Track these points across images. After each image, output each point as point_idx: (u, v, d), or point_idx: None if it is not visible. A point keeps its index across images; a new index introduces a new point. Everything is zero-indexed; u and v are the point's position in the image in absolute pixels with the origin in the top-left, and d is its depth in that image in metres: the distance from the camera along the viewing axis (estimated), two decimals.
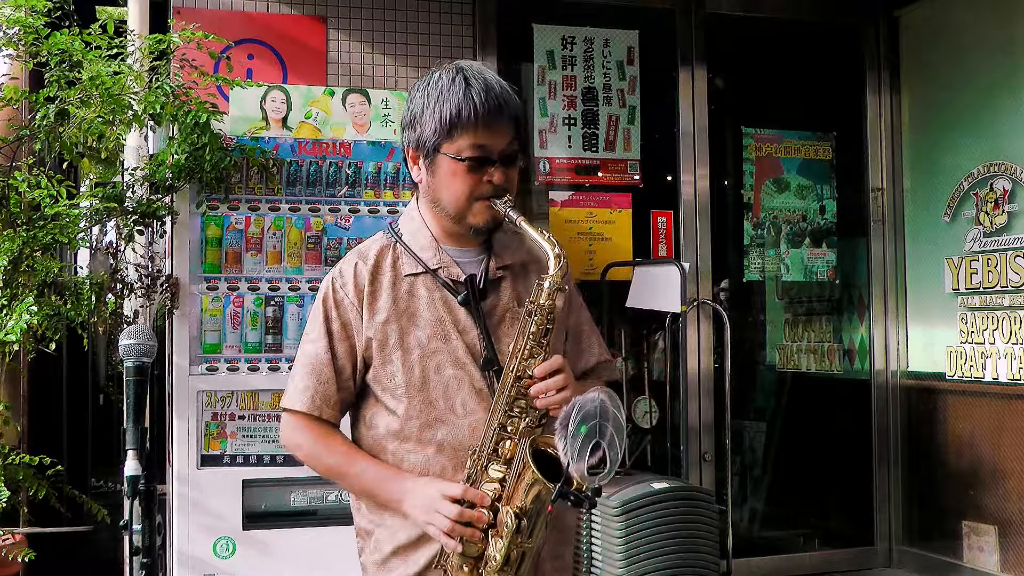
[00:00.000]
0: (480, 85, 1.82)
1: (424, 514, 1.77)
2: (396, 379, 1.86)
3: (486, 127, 1.81)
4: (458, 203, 1.85)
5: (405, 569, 1.88)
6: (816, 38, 5.20)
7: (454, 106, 1.80)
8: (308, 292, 3.64)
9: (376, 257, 1.91)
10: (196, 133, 3.29)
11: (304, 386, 1.90)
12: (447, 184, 1.85)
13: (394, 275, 1.89)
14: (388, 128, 3.69)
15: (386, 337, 1.86)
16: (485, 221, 1.86)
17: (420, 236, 1.92)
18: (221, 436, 3.49)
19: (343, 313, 1.88)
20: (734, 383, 4.33)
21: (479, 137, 1.81)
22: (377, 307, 1.87)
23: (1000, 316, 4.26)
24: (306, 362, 1.91)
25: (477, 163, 1.82)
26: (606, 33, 4.64)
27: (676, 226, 4.66)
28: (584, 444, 1.62)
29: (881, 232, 4.96)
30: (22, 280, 3.19)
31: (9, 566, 3.40)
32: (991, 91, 4.41)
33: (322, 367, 1.89)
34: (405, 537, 1.87)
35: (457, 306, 1.87)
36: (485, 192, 1.83)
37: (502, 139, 1.83)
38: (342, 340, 1.88)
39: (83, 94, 3.17)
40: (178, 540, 3.39)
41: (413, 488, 1.81)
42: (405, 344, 1.85)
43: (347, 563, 3.45)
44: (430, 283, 1.88)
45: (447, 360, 1.85)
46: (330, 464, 1.93)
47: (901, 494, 4.86)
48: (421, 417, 1.85)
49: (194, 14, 4.01)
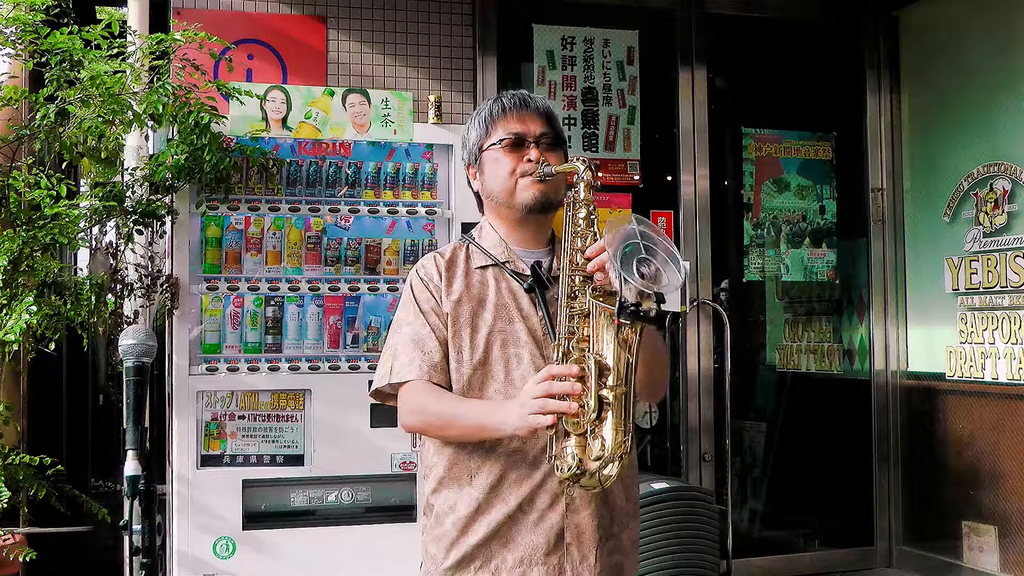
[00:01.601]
0: (509, 93, 2.11)
1: (520, 411, 1.78)
2: (463, 353, 1.98)
3: (516, 117, 2.05)
4: (505, 184, 2.04)
5: (466, 540, 1.94)
6: (816, 38, 5.20)
7: (488, 110, 2.09)
8: (308, 292, 3.64)
9: (451, 253, 2.09)
10: (196, 134, 3.30)
11: (409, 359, 1.99)
12: (493, 173, 2.06)
13: (467, 268, 2.07)
14: (388, 128, 3.69)
15: (458, 315, 2.01)
16: (534, 197, 2.02)
17: (490, 238, 2.10)
18: (221, 436, 3.49)
19: (432, 294, 2.04)
20: (734, 383, 4.33)
21: (511, 125, 2.05)
22: (452, 289, 2.03)
23: (1000, 316, 4.26)
24: (407, 340, 2.00)
25: (513, 144, 2.03)
26: (606, 33, 4.64)
27: (676, 226, 4.66)
28: (630, 260, 1.65)
29: (881, 232, 4.96)
30: (22, 280, 3.19)
31: (9, 566, 3.40)
32: (991, 91, 4.41)
33: (424, 340, 2.00)
34: (463, 507, 1.94)
35: (522, 294, 2.02)
36: (527, 169, 2.02)
37: (535, 126, 2.05)
38: (437, 316, 2.02)
39: (83, 94, 3.17)
40: (178, 540, 3.39)
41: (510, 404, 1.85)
42: (474, 323, 2.00)
43: (347, 563, 3.47)
44: (498, 274, 2.05)
45: (510, 339, 1.99)
46: (440, 411, 1.96)
47: (901, 494, 4.86)
48: (482, 388, 1.97)
49: (194, 14, 4.01)
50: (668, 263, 1.67)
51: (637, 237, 1.68)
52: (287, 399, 3.56)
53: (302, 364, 3.60)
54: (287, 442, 3.55)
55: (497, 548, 1.92)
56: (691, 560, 3.65)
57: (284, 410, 3.55)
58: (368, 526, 3.52)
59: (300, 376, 3.58)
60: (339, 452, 3.51)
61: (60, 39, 3.15)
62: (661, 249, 1.69)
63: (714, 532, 3.79)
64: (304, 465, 3.53)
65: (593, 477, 1.72)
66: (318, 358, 3.62)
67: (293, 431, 3.55)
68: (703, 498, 3.82)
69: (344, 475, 3.55)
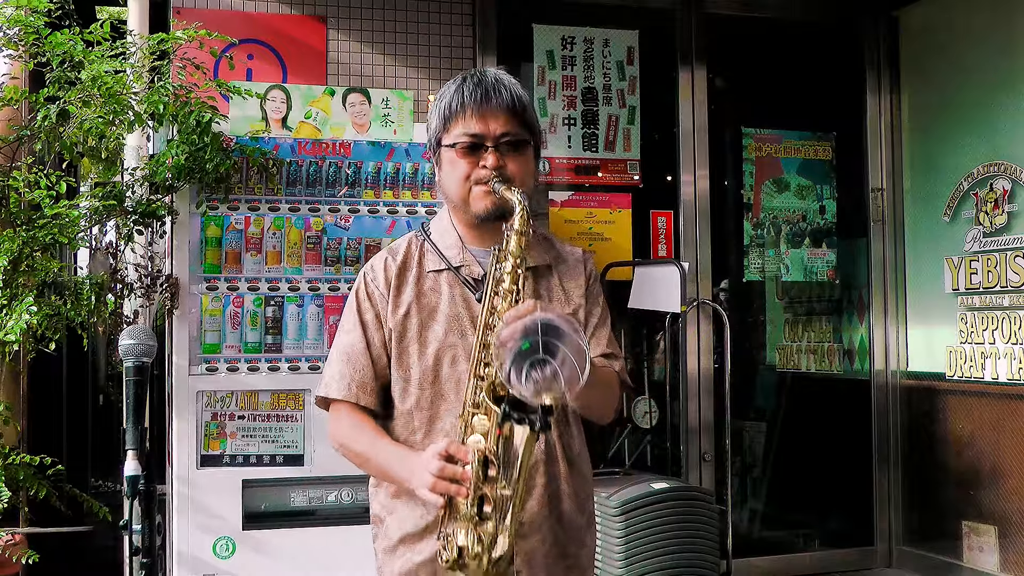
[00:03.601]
0: (474, 80, 1.91)
1: (416, 476, 1.73)
2: (412, 370, 1.91)
3: (476, 114, 1.87)
4: (458, 189, 1.91)
5: (411, 556, 1.91)
6: (816, 38, 5.20)
7: (447, 100, 1.91)
8: (308, 292, 3.64)
9: (404, 254, 1.98)
10: (197, 133, 3.29)
11: (340, 374, 1.93)
12: (448, 174, 1.93)
13: (419, 271, 1.96)
14: (388, 128, 3.69)
15: (405, 330, 1.91)
16: (485, 208, 1.89)
17: (447, 236, 1.98)
18: (221, 436, 3.49)
19: (374, 304, 1.94)
20: (734, 383, 4.32)
21: (469, 124, 1.88)
22: (400, 301, 1.93)
23: (1000, 316, 4.26)
24: (341, 352, 1.95)
25: (469, 148, 1.88)
26: (606, 33, 4.64)
27: (676, 226, 4.66)
28: (525, 360, 1.54)
29: (881, 232, 4.96)
30: (21, 280, 3.19)
31: (9, 566, 3.40)
32: (991, 91, 4.41)
33: (357, 356, 1.93)
34: (412, 526, 1.91)
35: (475, 303, 1.91)
36: (482, 177, 1.88)
37: (496, 126, 1.88)
38: (376, 330, 1.94)
39: (84, 94, 3.16)
40: (178, 540, 3.39)
41: (415, 456, 1.80)
42: (423, 337, 1.90)
43: (346, 563, 3.46)
44: (452, 280, 1.94)
45: (462, 355, 1.89)
46: (358, 449, 1.95)
47: (901, 494, 4.86)
48: (432, 408, 1.90)
49: (194, 14, 4.01)
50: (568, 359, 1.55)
51: (538, 332, 1.55)
52: (287, 399, 3.56)
53: (302, 364, 3.60)
54: (287, 442, 3.54)
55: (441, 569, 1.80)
56: (691, 560, 3.65)
57: (284, 410, 3.55)
58: (368, 526, 3.51)
59: (300, 376, 3.58)
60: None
61: (61, 40, 3.15)
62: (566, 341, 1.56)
63: (714, 532, 3.79)
64: (304, 465, 3.53)
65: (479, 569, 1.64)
66: (318, 358, 3.62)
67: (293, 431, 3.55)
68: (703, 498, 3.82)
69: (344, 475, 3.54)
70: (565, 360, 1.56)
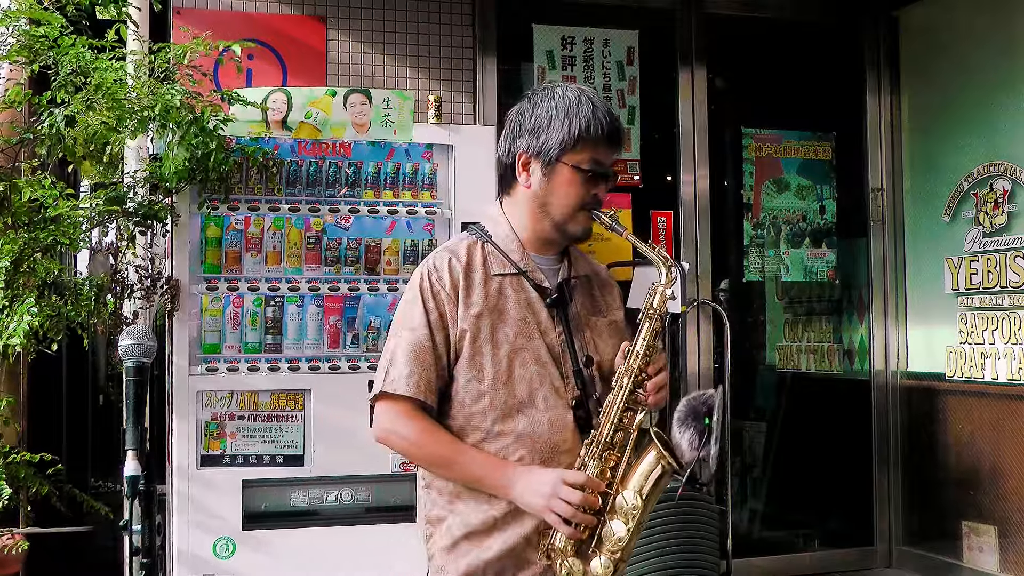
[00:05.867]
0: (604, 108, 2.00)
1: (544, 499, 1.84)
2: (485, 371, 1.95)
3: (606, 147, 1.99)
4: (567, 210, 1.99)
5: (479, 553, 1.93)
6: (816, 38, 5.20)
7: (583, 121, 1.95)
8: (308, 292, 3.64)
9: (467, 255, 2.02)
10: (200, 138, 3.29)
11: (409, 371, 1.94)
12: (562, 192, 1.99)
13: (484, 273, 2.00)
14: (388, 128, 3.69)
15: (478, 330, 1.96)
16: (584, 230, 2.02)
17: (509, 241, 2.04)
18: (221, 436, 3.49)
19: (439, 304, 1.97)
20: (734, 383, 4.33)
21: (600, 154, 1.98)
22: (471, 301, 1.97)
23: (1000, 316, 4.26)
24: (408, 349, 1.95)
25: (594, 176, 1.98)
26: (606, 33, 4.64)
27: (676, 226, 4.66)
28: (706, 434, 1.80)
29: (881, 232, 4.96)
30: (22, 281, 3.19)
31: (9, 566, 3.40)
32: (991, 91, 4.41)
33: (425, 353, 1.95)
34: (478, 522, 1.93)
35: (541, 307, 1.99)
36: (591, 204, 2.00)
37: (612, 160, 2.03)
38: (440, 329, 1.96)
39: (89, 99, 3.16)
40: (178, 540, 3.39)
41: (527, 475, 1.89)
42: (495, 339, 1.96)
43: (346, 563, 3.47)
44: (516, 284, 2.00)
45: (531, 357, 1.96)
46: (436, 452, 1.97)
47: (901, 494, 4.86)
48: (505, 408, 1.94)
49: (194, 14, 4.01)
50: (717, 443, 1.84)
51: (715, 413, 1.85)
52: (287, 399, 3.56)
53: (302, 364, 3.60)
54: (287, 442, 3.54)
55: (508, 565, 1.91)
56: (691, 560, 3.65)
57: (284, 410, 3.55)
58: (368, 526, 3.52)
59: (300, 376, 3.58)
60: (339, 452, 3.51)
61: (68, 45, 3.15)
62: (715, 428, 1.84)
63: (714, 532, 3.79)
64: (304, 465, 3.53)
65: None
66: (318, 358, 3.62)
67: (293, 431, 3.55)
68: (703, 498, 3.82)
69: (344, 475, 3.55)
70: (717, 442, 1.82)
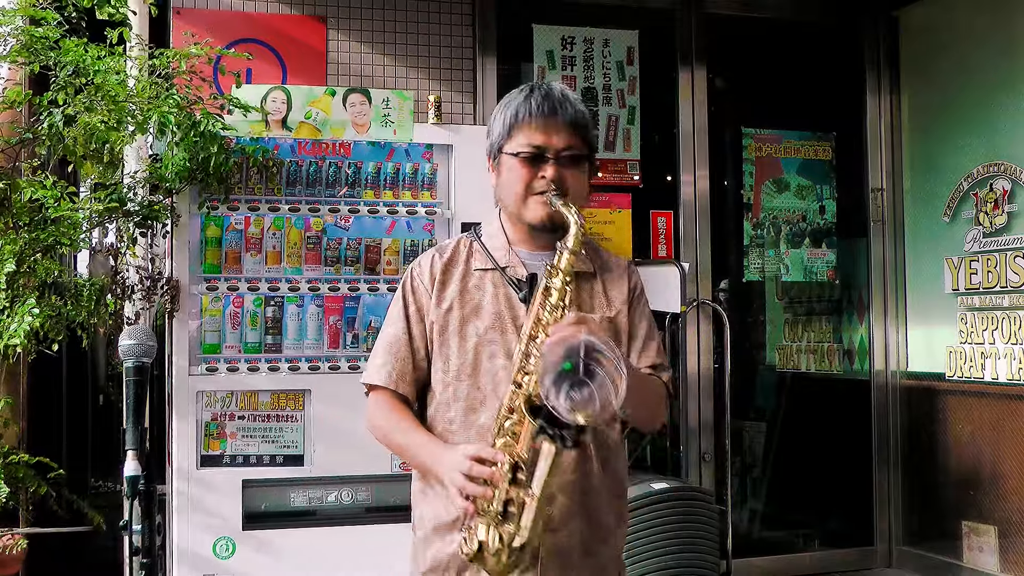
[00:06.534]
0: (541, 92, 1.99)
1: (448, 473, 1.81)
2: (451, 362, 1.97)
3: (541, 126, 1.95)
4: (515, 198, 1.98)
5: (443, 547, 1.95)
6: (816, 38, 5.20)
7: (513, 109, 1.98)
8: (308, 292, 3.64)
9: (452, 252, 2.06)
10: (201, 141, 3.29)
11: (382, 362, 2.02)
12: (507, 181, 2.00)
13: (466, 269, 2.03)
14: (388, 128, 3.69)
15: (446, 323, 1.99)
16: (540, 218, 1.96)
17: (496, 238, 2.06)
18: (221, 436, 3.49)
19: (418, 299, 2.03)
20: (734, 383, 4.33)
21: (534, 136, 1.95)
22: (444, 295, 2.01)
23: (1000, 316, 4.26)
24: (384, 342, 2.04)
25: (530, 158, 1.95)
26: (606, 33, 4.64)
27: (676, 226, 4.66)
28: (565, 380, 1.62)
29: (881, 232, 4.96)
30: (22, 281, 3.19)
31: (9, 566, 3.40)
32: (991, 91, 4.41)
33: (399, 346, 2.01)
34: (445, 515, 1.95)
35: (518, 303, 1.98)
36: (539, 187, 1.95)
37: (559, 140, 1.95)
38: (417, 322, 2.02)
39: (89, 100, 3.16)
40: (178, 540, 3.39)
41: (448, 452, 1.87)
42: (464, 332, 1.97)
43: (346, 563, 3.47)
44: (497, 280, 2.01)
45: (500, 351, 1.95)
46: (394, 440, 2.02)
47: (901, 494, 4.86)
48: (468, 400, 1.95)
49: (194, 14, 4.01)
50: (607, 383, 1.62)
51: (580, 354, 1.63)
52: (287, 399, 3.56)
53: (302, 364, 3.60)
54: (287, 442, 3.55)
55: None
56: (691, 560, 3.65)
57: (284, 410, 3.55)
58: (368, 526, 3.52)
59: (300, 376, 3.58)
60: (339, 452, 3.51)
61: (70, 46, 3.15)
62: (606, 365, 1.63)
63: (714, 532, 3.79)
64: (304, 465, 3.53)
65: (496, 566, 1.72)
66: (318, 358, 3.62)
67: (293, 431, 3.55)
68: (703, 498, 3.82)
69: (344, 475, 3.55)
70: (603, 383, 1.62)
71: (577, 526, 1.92)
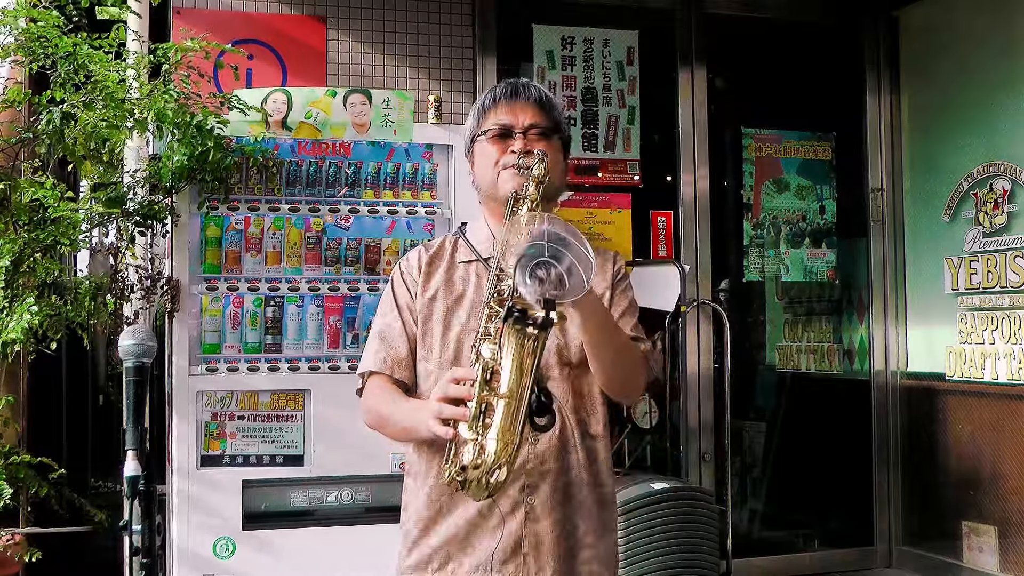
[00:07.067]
0: (505, 81, 2.09)
1: (427, 407, 1.77)
2: (433, 351, 2.00)
3: (506, 108, 2.03)
4: (488, 175, 2.03)
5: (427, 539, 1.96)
6: (816, 38, 5.20)
7: (482, 101, 2.08)
8: (307, 292, 3.64)
9: (438, 247, 2.11)
10: (199, 138, 3.29)
11: (375, 349, 2.05)
12: (480, 164, 2.06)
13: (451, 262, 2.07)
14: (388, 128, 3.69)
15: (430, 313, 2.02)
16: (513, 188, 1.97)
17: (479, 231, 2.10)
18: (221, 436, 3.49)
19: (408, 289, 2.07)
20: (734, 383, 4.33)
21: (499, 116, 2.03)
22: (429, 285, 2.05)
23: (1000, 316, 4.26)
24: (377, 333, 2.07)
25: (499, 135, 2.02)
26: (606, 33, 4.64)
27: (676, 226, 4.66)
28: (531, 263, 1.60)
29: (881, 232, 4.96)
30: (22, 281, 3.19)
31: (9, 566, 3.40)
32: (991, 91, 4.41)
33: (393, 335, 2.04)
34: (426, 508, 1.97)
35: None
36: (509, 161, 1.99)
37: (525, 117, 2.02)
38: (408, 312, 2.06)
39: (87, 97, 3.16)
40: (178, 540, 3.39)
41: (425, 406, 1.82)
42: (447, 321, 2.00)
43: (346, 563, 3.47)
44: (482, 271, 2.03)
45: None
46: (382, 412, 2.00)
47: (901, 494, 4.86)
48: None
49: (194, 14, 4.01)
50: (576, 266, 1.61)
51: (544, 238, 1.61)
52: (287, 399, 3.56)
53: (302, 364, 3.60)
54: (287, 442, 3.55)
55: (455, 551, 1.92)
56: (691, 560, 3.65)
57: (284, 410, 3.55)
58: (368, 526, 3.52)
59: (300, 376, 3.58)
60: (339, 452, 3.51)
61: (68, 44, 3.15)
62: (572, 251, 1.61)
63: (714, 532, 3.79)
64: (304, 465, 3.53)
65: (479, 485, 1.68)
66: (318, 358, 3.62)
67: (293, 431, 3.55)
68: (703, 498, 3.82)
69: (344, 475, 3.55)
70: (571, 267, 1.61)
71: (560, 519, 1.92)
